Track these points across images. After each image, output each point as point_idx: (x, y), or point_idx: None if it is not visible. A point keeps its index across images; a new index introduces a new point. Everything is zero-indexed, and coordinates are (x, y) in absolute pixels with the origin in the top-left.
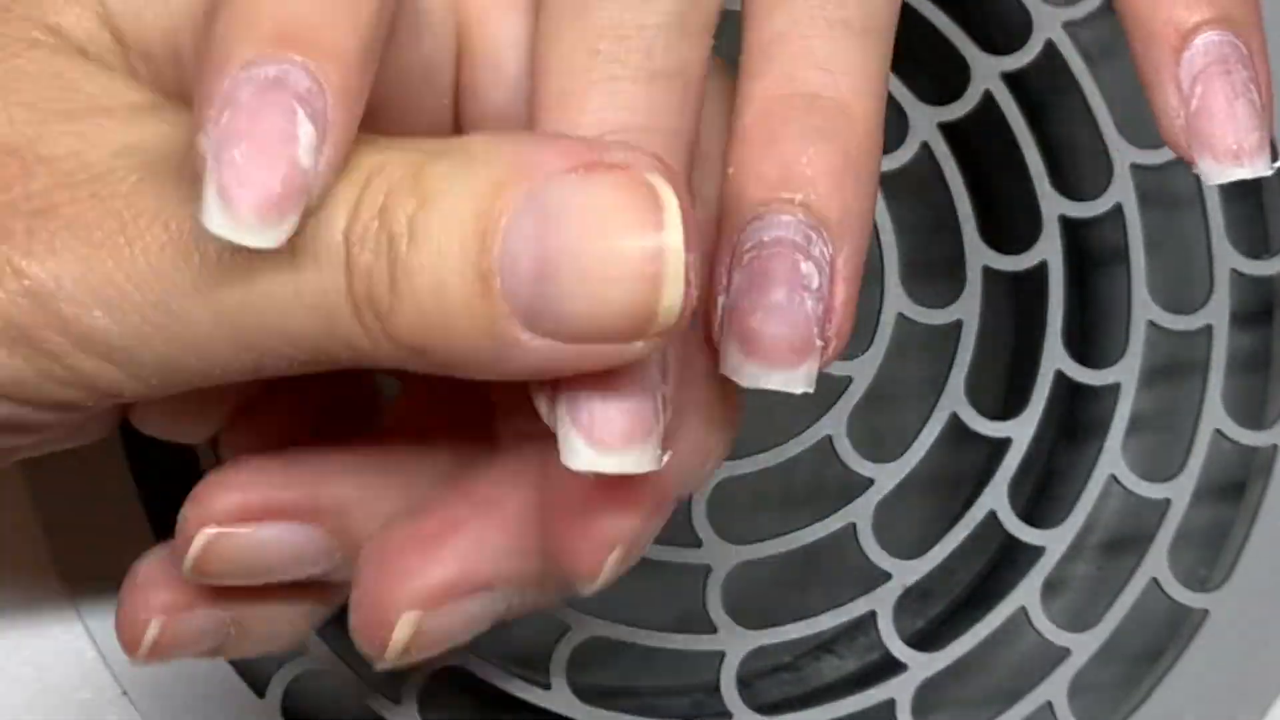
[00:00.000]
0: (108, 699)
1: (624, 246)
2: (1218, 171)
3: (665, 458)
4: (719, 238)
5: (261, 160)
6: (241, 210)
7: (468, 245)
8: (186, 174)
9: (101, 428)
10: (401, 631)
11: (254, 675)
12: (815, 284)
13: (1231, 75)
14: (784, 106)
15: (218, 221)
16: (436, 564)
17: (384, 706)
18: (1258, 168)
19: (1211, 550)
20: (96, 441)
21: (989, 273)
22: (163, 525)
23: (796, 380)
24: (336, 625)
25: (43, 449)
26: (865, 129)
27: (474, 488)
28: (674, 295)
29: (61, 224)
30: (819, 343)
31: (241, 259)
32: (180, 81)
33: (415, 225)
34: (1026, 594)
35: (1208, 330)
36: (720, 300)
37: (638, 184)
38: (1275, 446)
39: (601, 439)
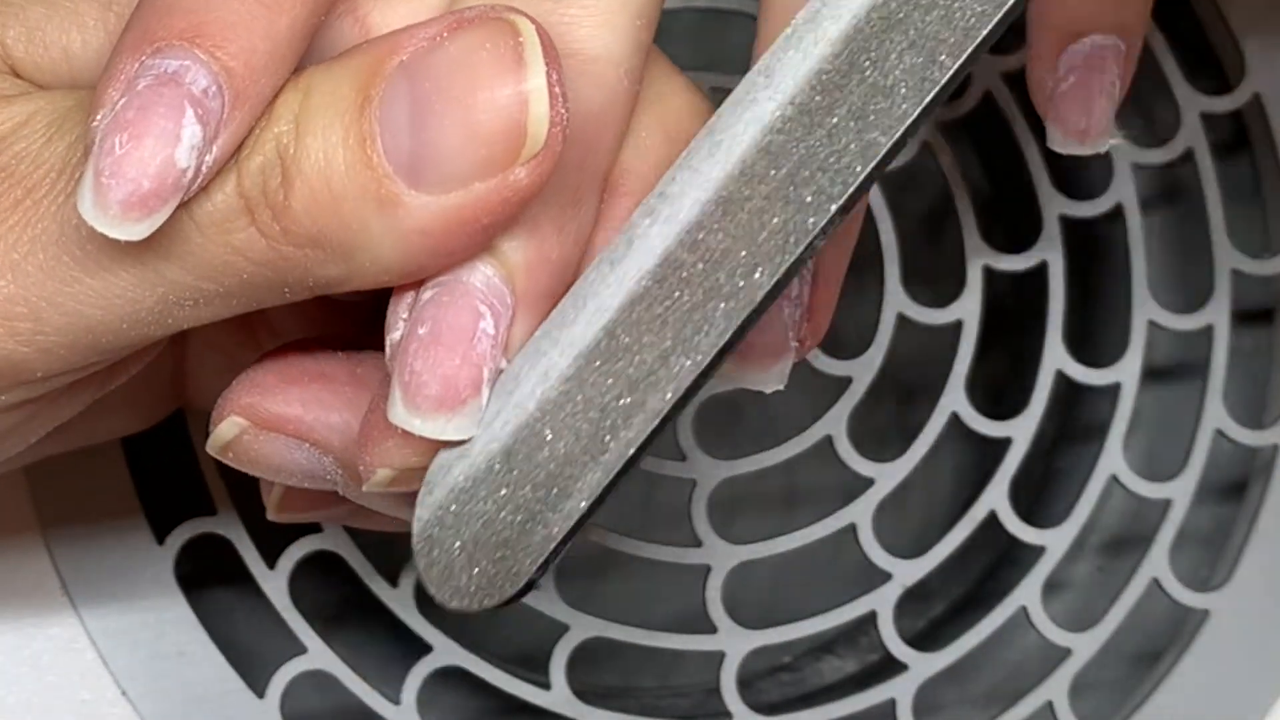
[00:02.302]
0: (107, 699)
1: (487, 73)
2: (1062, 143)
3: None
4: None
5: (137, 155)
6: (109, 201)
7: (349, 117)
8: (87, 128)
9: (87, 431)
10: (227, 429)
11: (254, 675)
12: (795, 292)
13: (1104, 74)
14: None
15: (87, 206)
16: (284, 399)
17: (384, 706)
18: (1096, 148)
19: (1212, 550)
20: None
21: (989, 273)
22: (163, 525)
23: (769, 381)
24: (336, 626)
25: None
26: None
27: (361, 360)
28: (540, 108)
29: None
30: (794, 344)
31: None
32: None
33: (300, 116)
34: (1027, 594)
35: (1208, 330)
36: None
37: (495, 22)
38: (1276, 446)
39: (414, 399)
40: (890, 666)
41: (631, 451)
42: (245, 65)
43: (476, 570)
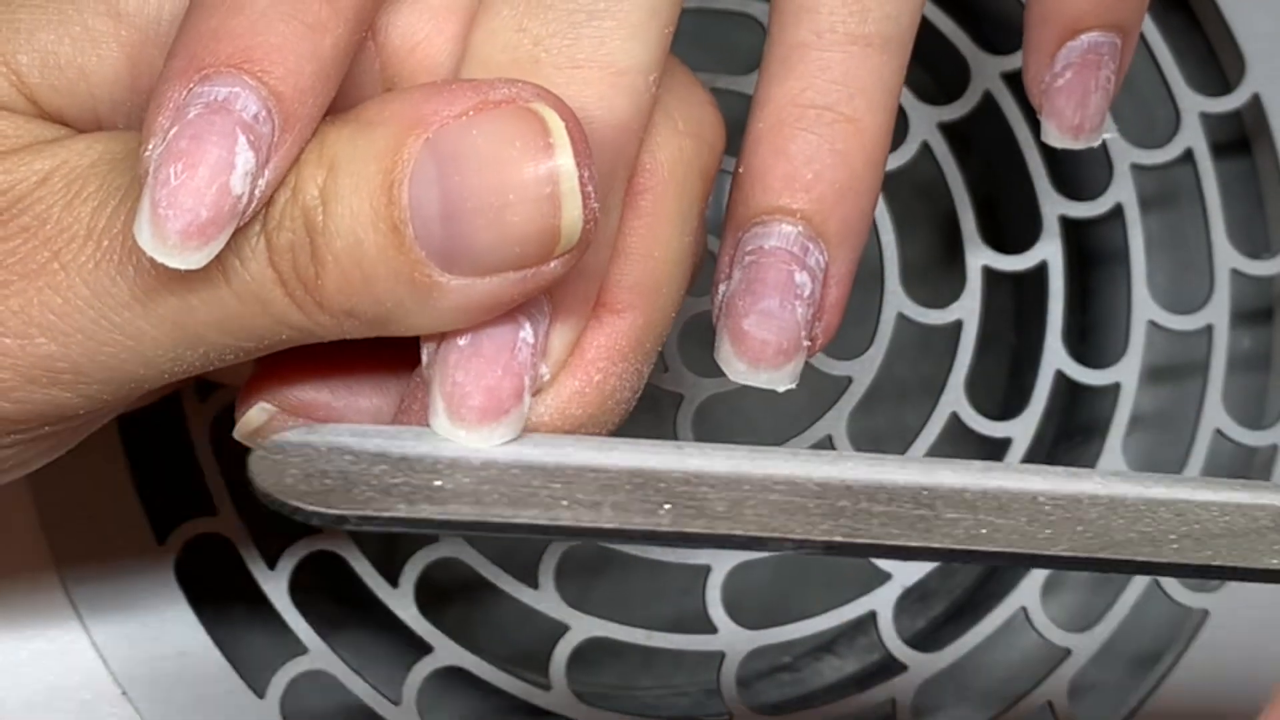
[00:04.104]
0: (108, 699)
1: (519, 174)
2: (1057, 138)
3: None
4: (725, 230)
5: (193, 185)
6: (168, 232)
7: (377, 201)
8: (114, 188)
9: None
10: (255, 416)
11: (254, 675)
12: (808, 292)
13: (1100, 70)
14: (796, 117)
15: (146, 238)
16: (312, 385)
17: (384, 706)
18: (1090, 143)
19: None
20: (96, 441)
21: (989, 273)
22: (163, 525)
23: (781, 379)
24: (336, 626)
25: (33, 463)
26: (873, 143)
27: (388, 342)
28: (573, 212)
29: None
30: (806, 343)
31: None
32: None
33: (326, 193)
34: (1026, 594)
35: (1208, 330)
36: (721, 288)
37: (524, 114)
38: (1275, 446)
39: (457, 411)
40: (890, 666)
41: (506, 522)
42: (293, 88)
43: (304, 481)
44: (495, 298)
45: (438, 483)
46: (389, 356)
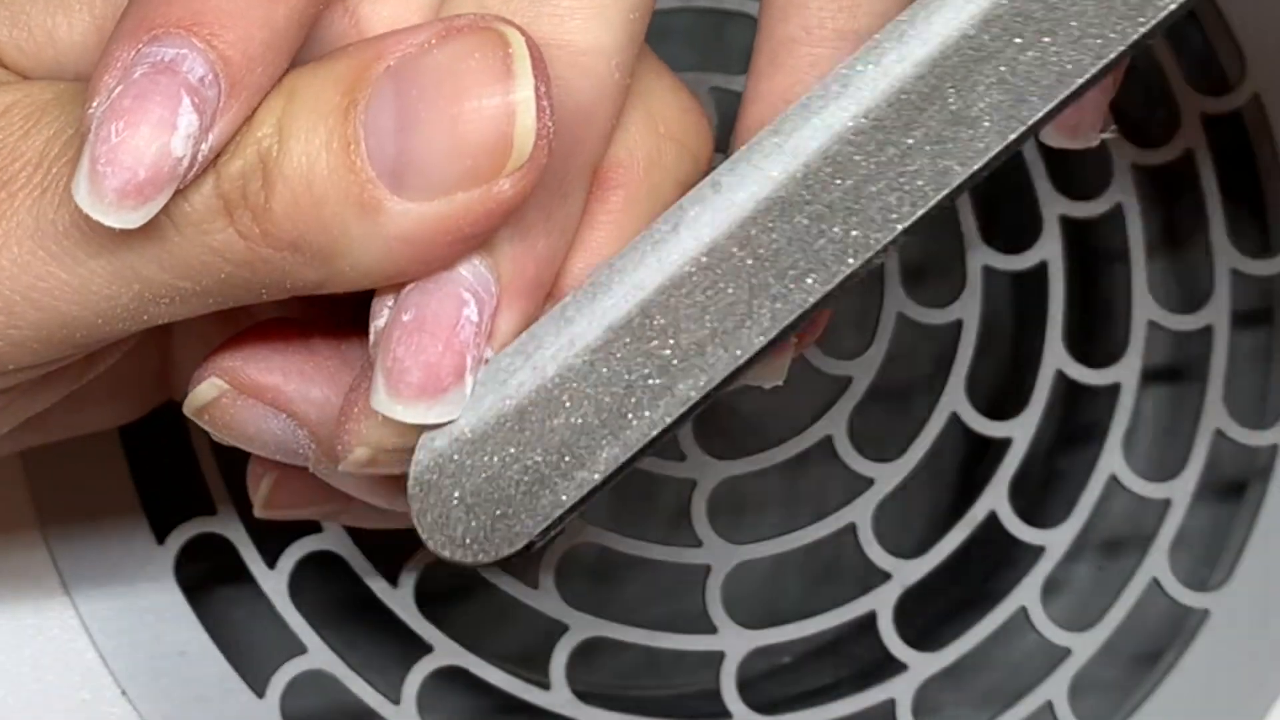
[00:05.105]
0: (107, 699)
1: (475, 83)
2: (1054, 138)
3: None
4: None
5: (133, 144)
6: (105, 189)
7: (333, 121)
8: (73, 118)
9: (82, 419)
10: (206, 391)
11: (254, 675)
12: None
13: None
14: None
15: (83, 193)
16: (266, 367)
17: (384, 706)
18: (1088, 142)
19: (1212, 550)
20: (96, 441)
21: (989, 273)
22: (163, 525)
23: (768, 376)
24: (336, 625)
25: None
26: None
27: (347, 338)
28: (527, 121)
29: None
30: (793, 339)
31: None
32: None
33: (284, 119)
34: (1026, 594)
35: (1208, 330)
36: None
37: (484, 32)
38: (1275, 446)
39: (396, 386)
40: (890, 666)
41: (655, 433)
42: (242, 54)
43: (475, 523)
44: (443, 226)
45: (567, 459)
46: (346, 349)
